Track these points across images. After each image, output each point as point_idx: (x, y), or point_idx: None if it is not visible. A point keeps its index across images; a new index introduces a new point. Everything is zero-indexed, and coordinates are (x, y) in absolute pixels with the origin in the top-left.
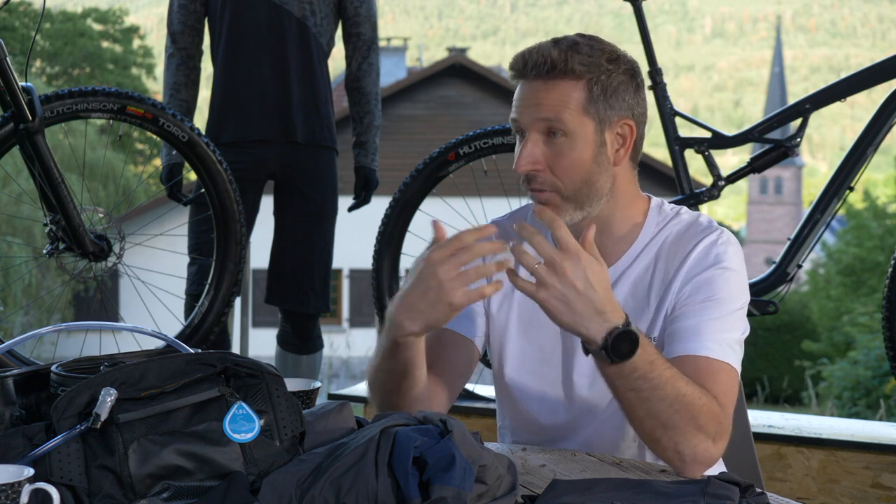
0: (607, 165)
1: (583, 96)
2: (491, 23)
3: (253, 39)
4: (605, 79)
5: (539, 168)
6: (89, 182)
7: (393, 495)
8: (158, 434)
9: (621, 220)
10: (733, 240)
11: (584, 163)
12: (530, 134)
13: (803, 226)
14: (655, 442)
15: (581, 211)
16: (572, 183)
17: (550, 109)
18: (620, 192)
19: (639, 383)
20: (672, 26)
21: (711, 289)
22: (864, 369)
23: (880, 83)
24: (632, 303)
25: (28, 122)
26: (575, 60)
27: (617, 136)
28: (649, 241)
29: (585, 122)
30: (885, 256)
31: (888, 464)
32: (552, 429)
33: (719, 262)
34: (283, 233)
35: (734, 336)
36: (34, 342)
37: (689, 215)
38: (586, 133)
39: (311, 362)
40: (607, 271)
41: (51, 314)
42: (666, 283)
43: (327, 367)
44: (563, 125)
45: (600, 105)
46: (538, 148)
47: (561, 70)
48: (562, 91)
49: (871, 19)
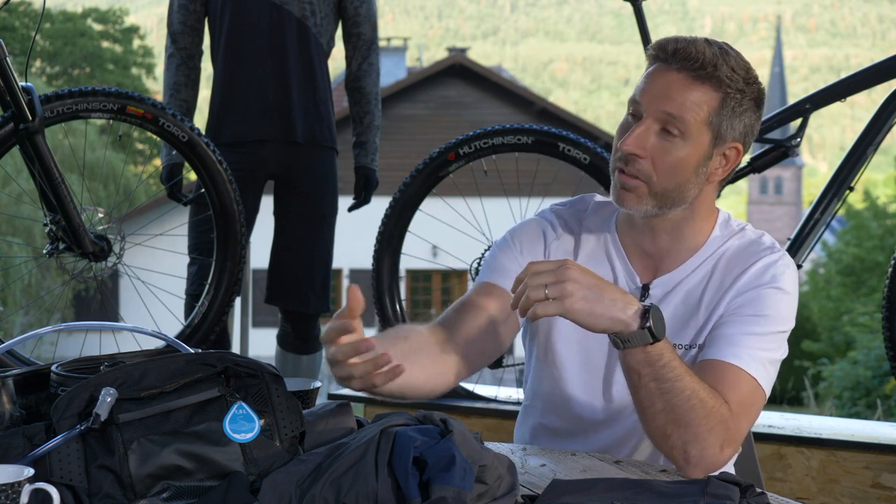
0: (702, 178)
1: (714, 107)
2: (491, 23)
3: (253, 39)
4: (738, 98)
5: (642, 154)
6: (89, 182)
7: (393, 495)
8: (158, 434)
9: (693, 230)
10: (793, 265)
11: (687, 168)
12: (647, 120)
13: (803, 226)
14: (665, 439)
15: (659, 209)
16: (666, 182)
17: (679, 107)
18: (700, 205)
19: (663, 372)
20: (672, 26)
21: (761, 305)
22: (864, 369)
23: (880, 83)
24: (682, 310)
25: (28, 122)
26: (723, 69)
27: (723, 157)
28: (711, 254)
29: (704, 131)
30: (885, 256)
31: (888, 464)
32: (582, 420)
33: (775, 282)
34: (283, 233)
35: (770, 356)
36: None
37: (753, 233)
38: (701, 142)
39: (311, 362)
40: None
41: (51, 314)
42: (720, 294)
43: (327, 367)
44: (683, 126)
45: (724, 122)
46: (650, 136)
47: (708, 74)
48: (698, 94)
49: (871, 19)
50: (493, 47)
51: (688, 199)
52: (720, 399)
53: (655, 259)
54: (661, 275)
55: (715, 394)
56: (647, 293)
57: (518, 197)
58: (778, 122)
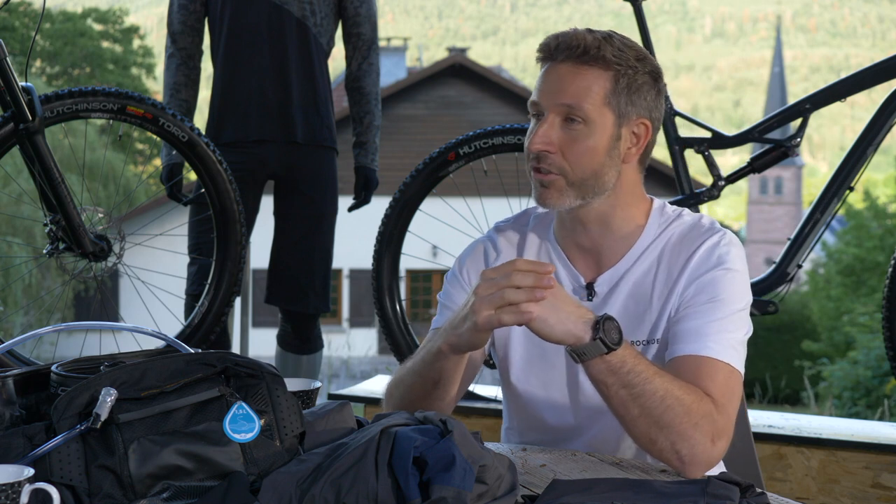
0: (617, 160)
1: (607, 87)
2: (491, 23)
3: (253, 40)
4: (631, 74)
5: (552, 150)
6: (89, 182)
7: (393, 495)
8: (158, 434)
9: (623, 219)
10: (736, 241)
11: (597, 153)
12: (548, 115)
13: (803, 226)
14: (652, 443)
15: (581, 199)
16: (581, 170)
17: (573, 96)
18: (624, 191)
19: (629, 378)
20: (672, 26)
21: (714, 290)
22: (864, 369)
23: (880, 83)
24: (632, 304)
25: (28, 122)
26: (607, 50)
27: (632, 135)
28: (651, 243)
29: (605, 113)
30: (885, 256)
31: (888, 464)
32: (560, 429)
33: (722, 263)
34: (283, 233)
35: (736, 336)
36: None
37: (690, 217)
38: (605, 124)
39: (311, 362)
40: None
41: (51, 314)
42: (669, 286)
43: (327, 367)
44: (583, 113)
45: (622, 99)
46: (554, 130)
47: (592, 56)
48: (588, 78)
49: (871, 19)
50: (493, 47)
51: (608, 184)
52: (699, 394)
53: (594, 254)
54: (603, 271)
55: (691, 389)
56: (593, 291)
57: (518, 197)
58: (778, 122)
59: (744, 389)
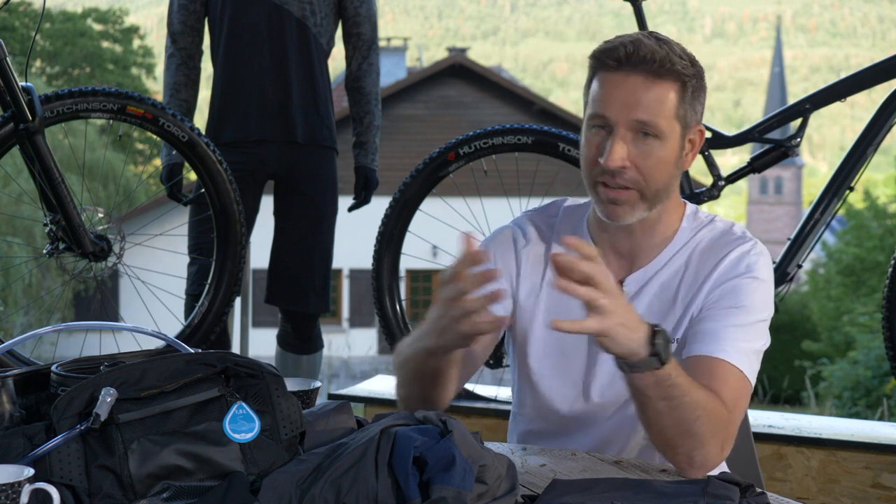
0: (680, 169)
1: (676, 99)
2: (491, 23)
3: (253, 40)
4: (694, 83)
5: (628, 165)
6: (89, 182)
7: (393, 495)
8: (158, 434)
9: (665, 224)
10: (766, 252)
11: (669, 165)
12: (619, 129)
13: (803, 226)
14: (673, 449)
15: (649, 210)
16: (656, 183)
17: (648, 111)
18: (670, 197)
19: (671, 391)
20: (672, 26)
21: (739, 296)
22: (864, 369)
23: (880, 83)
24: (657, 304)
25: (28, 122)
26: (676, 62)
27: (689, 142)
28: (682, 246)
29: (674, 125)
30: (885, 256)
31: (888, 464)
32: (569, 419)
33: (751, 271)
34: (283, 233)
35: (753, 346)
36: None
37: (723, 223)
38: (674, 136)
39: (311, 362)
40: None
41: (51, 314)
42: (695, 288)
43: (327, 367)
44: (657, 129)
45: (687, 109)
46: (627, 145)
47: (667, 70)
48: (661, 91)
49: (871, 19)
50: (493, 47)
51: (672, 193)
52: (718, 400)
53: (629, 257)
54: (634, 271)
55: (712, 396)
56: (622, 290)
57: (518, 197)
58: (778, 122)
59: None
